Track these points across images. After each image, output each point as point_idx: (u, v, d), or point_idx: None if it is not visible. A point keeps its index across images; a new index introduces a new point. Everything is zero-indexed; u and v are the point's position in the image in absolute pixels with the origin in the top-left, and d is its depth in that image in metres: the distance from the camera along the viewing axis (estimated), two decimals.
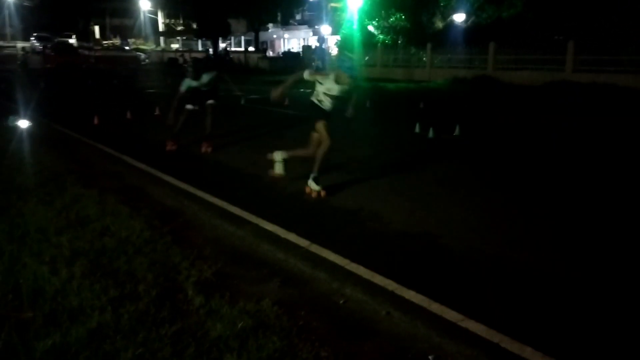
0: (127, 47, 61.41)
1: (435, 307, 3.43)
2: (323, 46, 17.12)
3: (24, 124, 9.66)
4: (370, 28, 31.88)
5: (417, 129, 10.67)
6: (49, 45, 42.78)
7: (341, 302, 3.58)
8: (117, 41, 68.62)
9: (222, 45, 51.77)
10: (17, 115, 10.30)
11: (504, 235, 4.86)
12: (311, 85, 6.26)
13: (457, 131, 10.31)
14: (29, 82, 22.83)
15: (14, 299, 3.35)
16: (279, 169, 6.58)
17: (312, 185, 6.06)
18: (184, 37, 67.48)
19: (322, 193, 6.04)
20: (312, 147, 6.24)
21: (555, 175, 7.37)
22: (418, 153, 9.02)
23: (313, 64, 17.50)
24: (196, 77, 8.44)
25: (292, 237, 4.70)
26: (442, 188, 6.57)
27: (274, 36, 58.17)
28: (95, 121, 11.36)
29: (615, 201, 6.09)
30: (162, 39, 72.31)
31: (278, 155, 6.60)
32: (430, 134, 10.04)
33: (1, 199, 5.38)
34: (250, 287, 3.74)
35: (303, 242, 4.55)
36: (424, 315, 3.36)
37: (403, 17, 30.26)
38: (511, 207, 5.82)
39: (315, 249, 4.42)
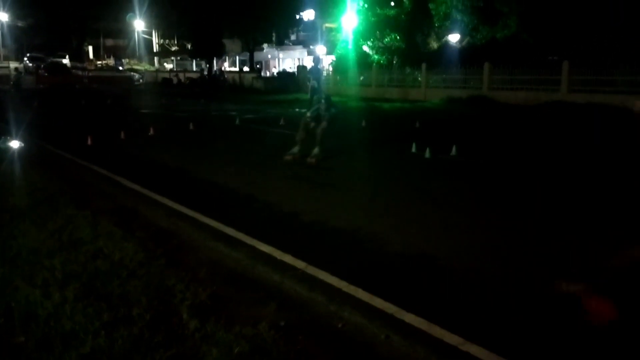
0: (120, 67, 61.64)
1: (435, 331, 3.37)
2: (318, 66, 17.23)
3: (16, 144, 9.60)
4: (365, 48, 32.16)
5: (413, 149, 10.67)
6: (42, 66, 42.85)
7: (339, 325, 3.52)
8: (110, 61, 68.87)
9: (218, 65, 52.07)
10: (9, 135, 10.24)
11: (502, 256, 4.81)
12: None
13: (453, 151, 10.31)
14: (21, 102, 22.80)
15: (6, 323, 3.28)
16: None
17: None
18: (179, 58, 67.80)
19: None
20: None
21: (553, 195, 7.35)
22: (415, 173, 9.01)
23: (308, 83, 17.50)
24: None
25: (288, 258, 4.64)
26: (440, 208, 6.54)
27: (269, 56, 58.51)
28: (89, 141, 11.31)
29: (613, 219, 6.07)
30: (156, 59, 72.61)
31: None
32: (427, 153, 10.04)
33: None
34: (247, 310, 3.67)
35: (299, 264, 4.49)
36: (424, 339, 3.30)
37: (398, 37, 30.56)
38: (509, 227, 5.79)
39: (312, 270, 4.35)
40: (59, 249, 4.54)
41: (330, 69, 35.51)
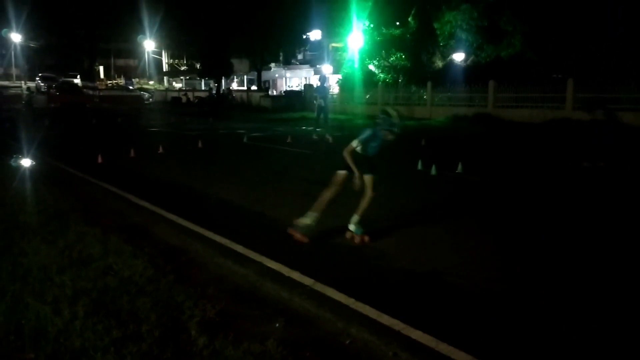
0: (131, 87, 62.29)
1: (443, 348, 3.37)
2: (325, 84, 17.41)
3: (27, 162, 9.71)
4: (371, 67, 32.38)
5: (419, 166, 10.70)
6: (53, 85, 43.36)
7: (347, 342, 3.52)
8: (121, 81, 69.64)
9: (227, 85, 52.52)
10: (21, 153, 10.36)
11: (509, 273, 4.81)
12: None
13: (459, 168, 10.33)
14: (33, 121, 23.04)
15: (16, 339, 3.30)
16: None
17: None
18: (188, 77, 68.51)
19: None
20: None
21: (559, 213, 7.34)
22: (421, 190, 9.02)
23: (315, 102, 17.74)
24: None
25: (296, 275, 4.65)
26: (446, 225, 6.54)
27: (276, 75, 59.01)
28: (99, 159, 11.42)
29: (615, 239, 6.06)
30: (165, 78, 73.38)
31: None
32: (433, 171, 10.06)
33: (4, 237, 5.36)
34: (255, 326, 3.69)
35: (307, 281, 4.50)
36: (432, 356, 3.30)
37: (403, 56, 30.78)
38: (516, 244, 5.78)
39: (320, 287, 4.36)
40: (69, 265, 4.58)
41: (337, 87, 35.74)
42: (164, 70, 73.56)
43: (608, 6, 22.30)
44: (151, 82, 69.80)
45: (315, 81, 44.55)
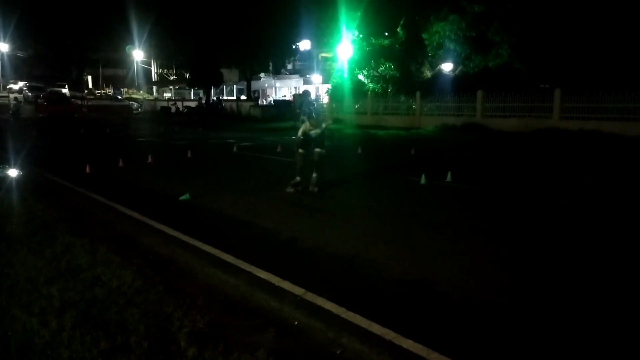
0: (119, 97, 62.04)
1: (434, 357, 3.37)
2: (309, 99, 17.29)
3: (14, 172, 9.62)
4: (361, 77, 32.51)
5: (409, 176, 10.72)
6: (41, 95, 43.10)
7: (338, 352, 3.51)
8: (109, 91, 69.35)
9: (216, 94, 52.52)
10: (8, 163, 10.26)
11: (499, 282, 4.81)
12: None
13: (449, 177, 10.37)
14: (20, 131, 22.88)
15: (2, 352, 3.26)
16: None
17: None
18: (177, 87, 68.37)
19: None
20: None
21: (547, 222, 7.38)
22: (411, 199, 9.04)
23: (303, 117, 17.54)
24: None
25: (287, 285, 4.63)
26: (436, 234, 6.56)
27: (266, 85, 59.11)
28: (87, 169, 11.34)
29: (606, 246, 6.09)
30: (154, 88, 73.17)
31: None
32: (423, 180, 10.09)
33: None
34: (245, 337, 3.67)
35: (298, 290, 4.49)
36: None
37: (392, 66, 30.94)
38: (505, 253, 5.80)
39: (311, 297, 4.35)
40: (56, 276, 4.53)
41: (327, 97, 35.83)
42: (153, 80, 73.37)
43: (596, 17, 22.60)
44: (140, 92, 69.57)
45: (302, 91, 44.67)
